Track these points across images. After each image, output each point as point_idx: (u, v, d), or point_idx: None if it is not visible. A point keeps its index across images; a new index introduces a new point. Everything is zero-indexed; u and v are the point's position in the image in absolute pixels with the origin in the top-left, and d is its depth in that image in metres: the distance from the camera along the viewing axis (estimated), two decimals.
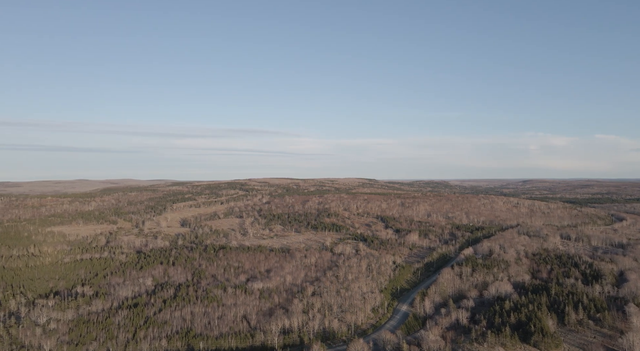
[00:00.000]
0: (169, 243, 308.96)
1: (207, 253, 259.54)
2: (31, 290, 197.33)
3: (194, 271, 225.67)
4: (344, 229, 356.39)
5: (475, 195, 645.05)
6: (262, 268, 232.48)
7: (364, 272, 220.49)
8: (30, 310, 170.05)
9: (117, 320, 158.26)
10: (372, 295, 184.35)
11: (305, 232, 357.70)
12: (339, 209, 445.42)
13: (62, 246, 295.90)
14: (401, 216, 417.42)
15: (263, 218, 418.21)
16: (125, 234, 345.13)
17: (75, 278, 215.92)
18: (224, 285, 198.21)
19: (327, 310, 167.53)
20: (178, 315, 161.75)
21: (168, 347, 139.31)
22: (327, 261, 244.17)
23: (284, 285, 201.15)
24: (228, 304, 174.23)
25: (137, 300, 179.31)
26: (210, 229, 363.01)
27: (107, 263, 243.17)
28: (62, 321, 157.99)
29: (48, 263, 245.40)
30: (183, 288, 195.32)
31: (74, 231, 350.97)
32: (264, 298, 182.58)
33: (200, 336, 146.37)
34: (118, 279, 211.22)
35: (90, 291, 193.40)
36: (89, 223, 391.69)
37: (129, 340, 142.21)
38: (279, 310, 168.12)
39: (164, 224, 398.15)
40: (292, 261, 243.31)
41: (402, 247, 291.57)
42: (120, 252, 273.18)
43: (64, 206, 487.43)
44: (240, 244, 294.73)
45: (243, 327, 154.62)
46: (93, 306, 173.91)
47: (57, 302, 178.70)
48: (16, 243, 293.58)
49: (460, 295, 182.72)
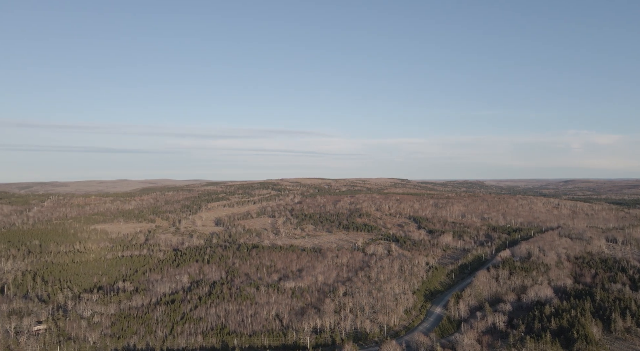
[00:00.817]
0: (203, 242, 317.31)
1: (241, 252, 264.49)
2: (77, 285, 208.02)
3: (227, 269, 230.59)
4: (375, 230, 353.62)
5: (512, 196, 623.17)
6: (294, 267, 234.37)
7: (396, 273, 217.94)
8: (76, 304, 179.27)
9: (156, 315, 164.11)
10: (404, 296, 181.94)
11: (336, 232, 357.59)
12: (371, 210, 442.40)
13: (105, 243, 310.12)
14: (434, 217, 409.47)
15: (295, 217, 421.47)
16: (163, 232, 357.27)
17: (117, 274, 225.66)
18: (256, 284, 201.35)
19: (359, 311, 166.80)
20: (213, 312, 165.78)
21: (204, 343, 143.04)
22: (358, 262, 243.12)
23: (315, 285, 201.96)
24: (261, 302, 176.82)
25: (174, 297, 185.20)
26: (243, 229, 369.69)
27: (146, 260, 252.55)
28: (105, 315, 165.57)
29: (92, 259, 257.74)
30: (217, 285, 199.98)
31: (116, 229, 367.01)
32: (296, 297, 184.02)
33: (234, 333, 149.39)
34: (156, 276, 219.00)
35: (131, 287, 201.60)
36: (129, 221, 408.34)
37: (167, 335, 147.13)
38: (311, 309, 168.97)
39: (199, 223, 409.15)
40: (324, 260, 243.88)
41: (436, 248, 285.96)
42: (158, 250, 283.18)
43: (107, 205, 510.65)
44: (272, 244, 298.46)
45: (275, 325, 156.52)
46: (133, 301, 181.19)
47: (101, 296, 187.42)
48: (63, 240, 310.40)
49: (497, 298, 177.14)
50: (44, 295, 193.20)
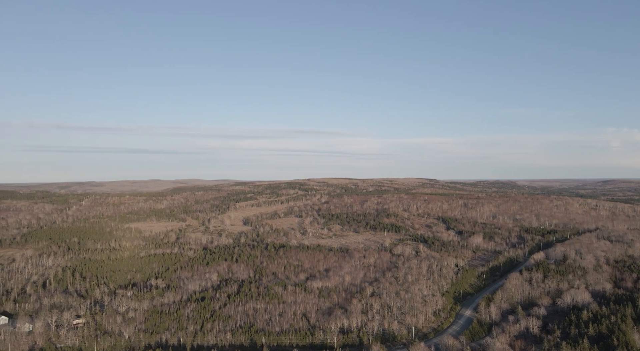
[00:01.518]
0: (232, 241, 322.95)
1: (268, 251, 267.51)
2: (113, 281, 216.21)
3: (255, 268, 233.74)
4: (403, 230, 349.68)
5: (546, 196, 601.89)
6: (321, 267, 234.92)
7: (424, 274, 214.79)
8: (112, 299, 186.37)
9: (187, 312, 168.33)
10: (433, 298, 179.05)
11: (363, 232, 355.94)
12: (398, 210, 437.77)
13: (139, 241, 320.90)
14: (464, 218, 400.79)
15: (322, 217, 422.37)
16: (193, 231, 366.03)
17: (150, 271, 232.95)
18: (284, 283, 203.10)
19: (387, 312, 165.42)
20: (241, 310, 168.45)
21: (233, 340, 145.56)
22: (386, 262, 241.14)
23: (342, 285, 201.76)
24: (288, 301, 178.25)
25: (204, 294, 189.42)
26: (270, 228, 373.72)
27: (177, 258, 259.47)
28: (138, 311, 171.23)
29: (126, 256, 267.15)
30: (246, 284, 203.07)
31: (148, 227, 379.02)
32: (323, 297, 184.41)
33: (262, 331, 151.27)
34: (187, 273, 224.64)
35: (163, 284, 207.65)
36: (161, 220, 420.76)
37: (197, 331, 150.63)
38: (338, 310, 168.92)
39: (228, 222, 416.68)
40: (351, 261, 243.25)
41: (465, 249, 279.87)
42: (188, 248, 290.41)
43: (140, 204, 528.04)
44: (299, 243, 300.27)
45: (303, 325, 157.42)
46: (165, 298, 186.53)
47: (135, 293, 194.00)
48: (100, 238, 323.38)
49: (530, 302, 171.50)
50: (82, 290, 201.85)
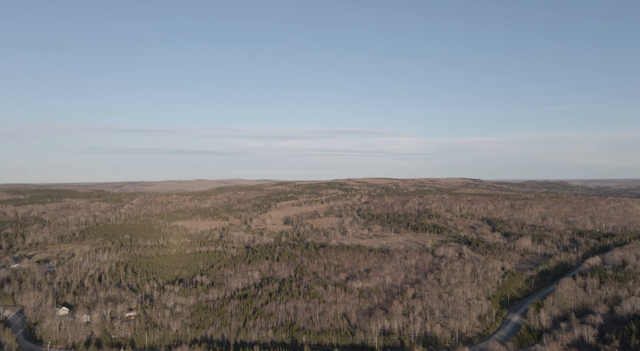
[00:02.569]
0: (273, 240, 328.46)
1: (309, 251, 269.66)
2: (161, 277, 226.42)
3: (296, 267, 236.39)
4: (445, 231, 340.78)
5: (602, 197, 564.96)
6: (362, 267, 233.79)
7: (468, 277, 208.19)
8: (160, 294, 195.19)
9: (230, 308, 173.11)
10: (477, 302, 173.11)
11: (404, 233, 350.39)
12: (441, 210, 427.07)
13: (185, 239, 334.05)
14: (510, 219, 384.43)
15: (362, 217, 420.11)
16: (236, 230, 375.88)
17: (195, 268, 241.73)
18: (324, 283, 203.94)
19: (429, 314, 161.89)
20: (282, 309, 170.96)
21: (274, 338, 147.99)
22: (428, 264, 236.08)
23: (383, 286, 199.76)
24: (328, 301, 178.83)
25: (246, 292, 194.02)
26: (311, 228, 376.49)
27: (221, 255, 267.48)
28: (185, 306, 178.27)
29: (174, 253, 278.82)
30: (287, 283, 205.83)
31: (194, 225, 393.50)
32: (364, 297, 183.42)
33: (302, 330, 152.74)
34: (230, 271, 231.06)
35: (207, 281, 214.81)
36: (206, 218, 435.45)
37: (240, 328, 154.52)
38: (379, 310, 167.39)
39: (269, 221, 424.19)
40: (392, 261, 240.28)
41: (512, 252, 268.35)
42: (231, 246, 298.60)
43: (186, 203, 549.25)
44: (339, 243, 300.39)
45: (343, 325, 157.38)
46: (210, 294, 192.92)
47: (181, 288, 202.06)
48: (149, 235, 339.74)
49: (585, 309, 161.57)
50: (133, 285, 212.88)
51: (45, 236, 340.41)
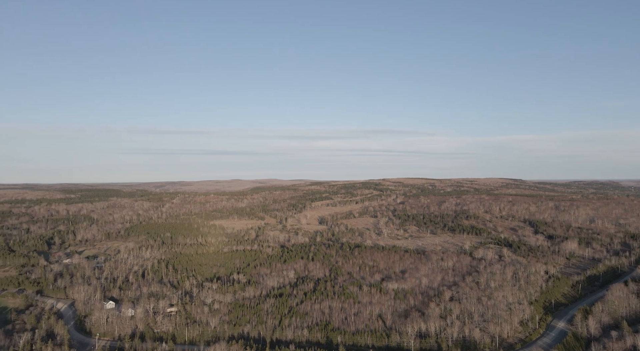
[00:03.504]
0: (308, 239, 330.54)
1: (343, 251, 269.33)
2: (200, 274, 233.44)
3: (331, 267, 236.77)
4: (484, 233, 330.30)
5: None
6: (397, 268, 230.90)
7: (509, 280, 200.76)
8: (199, 291, 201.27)
9: (266, 307, 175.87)
10: (519, 307, 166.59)
11: (441, 234, 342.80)
12: (479, 211, 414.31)
13: (222, 237, 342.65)
14: (555, 221, 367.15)
15: (397, 218, 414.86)
16: (271, 229, 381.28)
17: (232, 267, 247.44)
18: (359, 283, 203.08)
19: (467, 318, 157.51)
20: (317, 308, 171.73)
21: (309, 337, 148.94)
22: (465, 266, 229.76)
23: (419, 287, 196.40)
24: (363, 302, 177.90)
25: (282, 291, 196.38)
26: (345, 228, 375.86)
27: (257, 254, 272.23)
28: (223, 303, 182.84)
29: (212, 251, 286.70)
30: (321, 282, 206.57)
31: (231, 224, 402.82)
32: (399, 298, 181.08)
33: (337, 330, 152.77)
34: (266, 270, 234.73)
35: (244, 279, 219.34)
36: (242, 218, 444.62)
37: (276, 326, 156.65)
38: (415, 312, 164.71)
39: (304, 221, 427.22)
40: (428, 263, 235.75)
41: (557, 256, 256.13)
42: (267, 246, 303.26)
43: (223, 202, 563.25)
44: (374, 244, 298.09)
45: (378, 326, 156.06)
46: (246, 292, 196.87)
47: (219, 286, 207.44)
48: (189, 233, 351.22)
49: (638, 317, 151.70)
50: (174, 281, 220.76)
51: (93, 234, 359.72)
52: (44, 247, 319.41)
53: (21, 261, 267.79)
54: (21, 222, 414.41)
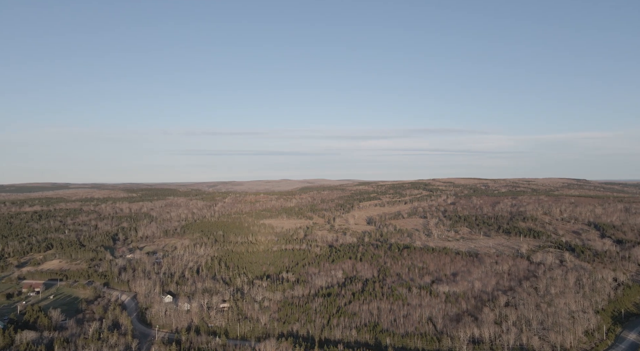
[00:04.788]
0: (356, 240, 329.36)
1: (392, 252, 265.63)
2: (250, 272, 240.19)
3: (379, 268, 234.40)
4: (543, 236, 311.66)
5: None
6: (448, 270, 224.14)
7: (571, 287, 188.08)
8: (250, 288, 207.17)
9: (314, 306, 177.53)
10: (584, 315, 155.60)
11: (495, 236, 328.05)
12: (537, 213, 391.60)
13: (271, 236, 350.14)
14: (624, 224, 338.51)
15: (448, 219, 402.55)
16: (319, 229, 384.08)
17: (281, 265, 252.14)
18: (408, 285, 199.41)
19: (525, 325, 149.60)
20: (366, 309, 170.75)
21: (358, 337, 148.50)
22: (522, 270, 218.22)
23: (472, 291, 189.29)
24: (413, 304, 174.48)
25: (330, 290, 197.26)
26: (394, 228, 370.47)
27: (305, 254, 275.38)
28: (272, 301, 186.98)
29: (261, 250, 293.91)
30: (370, 283, 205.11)
31: (280, 224, 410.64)
32: (450, 302, 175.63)
33: (386, 331, 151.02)
34: (314, 269, 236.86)
35: (293, 278, 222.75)
36: (291, 217, 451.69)
37: (324, 325, 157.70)
38: (467, 317, 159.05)
39: (352, 221, 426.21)
40: (481, 266, 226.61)
41: (627, 262, 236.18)
42: (315, 245, 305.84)
43: (272, 202, 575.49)
44: (424, 245, 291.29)
45: (429, 329, 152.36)
46: (295, 291, 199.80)
47: (269, 284, 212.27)
48: (240, 232, 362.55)
49: None
50: (226, 278, 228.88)
51: (152, 231, 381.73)
52: (110, 242, 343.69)
53: (90, 255, 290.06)
54: (90, 219, 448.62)
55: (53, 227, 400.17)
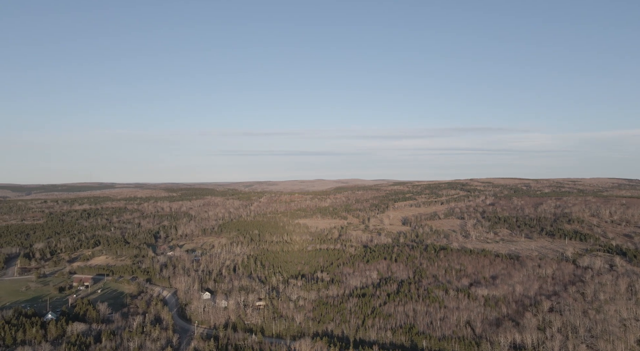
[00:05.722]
0: (391, 240, 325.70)
1: (428, 253, 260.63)
2: (285, 271, 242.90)
3: (415, 269, 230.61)
4: (591, 239, 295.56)
5: None
6: (487, 273, 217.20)
7: (623, 293, 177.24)
8: (285, 287, 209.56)
9: (349, 306, 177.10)
10: (636, 324, 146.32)
11: (538, 238, 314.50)
12: (584, 215, 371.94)
13: (306, 236, 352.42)
14: None
15: (487, 220, 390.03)
16: (354, 229, 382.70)
17: (316, 265, 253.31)
18: (445, 287, 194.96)
19: (571, 332, 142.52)
20: (401, 310, 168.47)
21: (393, 339, 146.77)
22: (568, 275, 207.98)
23: (512, 295, 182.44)
24: (450, 306, 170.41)
25: (365, 291, 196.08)
26: (430, 229, 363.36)
27: (340, 254, 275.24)
28: (307, 300, 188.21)
29: (296, 249, 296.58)
30: (405, 284, 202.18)
31: (314, 223, 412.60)
32: (490, 306, 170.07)
33: (422, 334, 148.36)
34: (348, 269, 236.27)
35: (327, 278, 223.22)
36: (325, 217, 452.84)
37: (359, 326, 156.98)
38: (508, 322, 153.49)
39: (387, 221, 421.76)
40: (522, 269, 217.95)
41: None
42: (350, 245, 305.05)
43: (306, 202, 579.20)
44: (461, 247, 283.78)
45: (467, 333, 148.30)
46: (330, 290, 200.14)
47: (304, 283, 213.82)
48: (275, 231, 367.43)
49: None
50: (262, 277, 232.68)
51: (191, 229, 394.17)
52: (152, 240, 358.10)
53: (134, 252, 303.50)
54: (133, 217, 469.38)
55: (100, 225, 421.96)
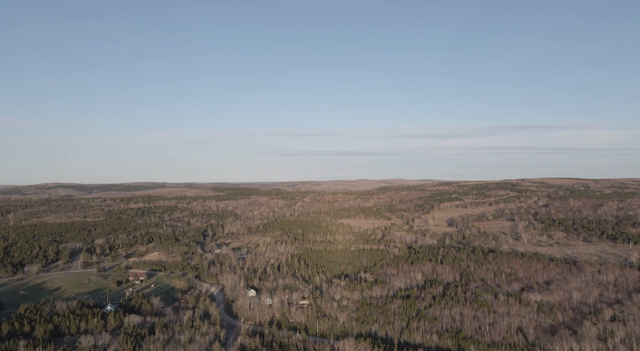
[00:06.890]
0: (436, 241, 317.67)
1: (475, 255, 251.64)
2: (329, 270, 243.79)
3: (461, 271, 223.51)
4: None
5: None
6: (540, 278, 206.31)
7: None
8: (329, 287, 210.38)
9: (393, 307, 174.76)
10: None
11: (597, 242, 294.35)
12: None
13: (349, 236, 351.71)
14: None
15: (539, 222, 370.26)
16: (398, 229, 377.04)
17: (359, 265, 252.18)
18: (494, 291, 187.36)
19: (636, 343, 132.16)
20: (447, 314, 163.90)
21: (439, 343, 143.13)
22: (633, 282, 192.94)
23: (569, 302, 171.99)
24: (500, 312, 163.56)
25: (409, 292, 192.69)
26: (477, 231, 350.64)
27: (383, 254, 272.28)
28: (350, 300, 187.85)
29: (339, 249, 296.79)
30: (451, 287, 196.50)
31: (357, 223, 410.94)
32: (543, 312, 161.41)
33: (470, 339, 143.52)
34: (392, 270, 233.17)
35: (371, 278, 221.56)
36: (369, 217, 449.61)
37: (404, 328, 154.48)
38: (564, 330, 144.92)
39: (432, 222, 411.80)
40: (580, 275, 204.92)
41: None
42: (393, 246, 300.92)
43: (350, 202, 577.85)
44: (512, 249, 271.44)
45: (518, 340, 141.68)
46: (373, 291, 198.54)
47: (347, 283, 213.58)
48: (318, 231, 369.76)
49: None
50: (306, 276, 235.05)
51: (237, 228, 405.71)
52: (200, 238, 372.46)
53: (184, 249, 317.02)
54: (183, 216, 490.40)
55: (153, 222, 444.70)
